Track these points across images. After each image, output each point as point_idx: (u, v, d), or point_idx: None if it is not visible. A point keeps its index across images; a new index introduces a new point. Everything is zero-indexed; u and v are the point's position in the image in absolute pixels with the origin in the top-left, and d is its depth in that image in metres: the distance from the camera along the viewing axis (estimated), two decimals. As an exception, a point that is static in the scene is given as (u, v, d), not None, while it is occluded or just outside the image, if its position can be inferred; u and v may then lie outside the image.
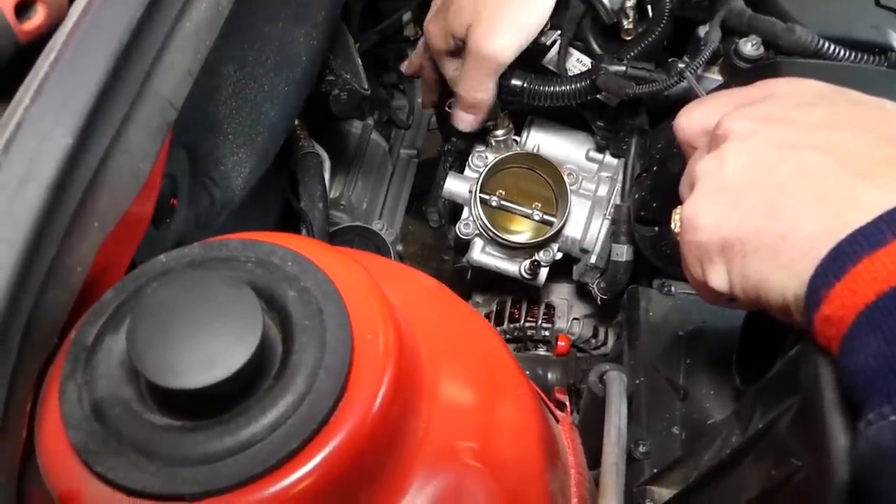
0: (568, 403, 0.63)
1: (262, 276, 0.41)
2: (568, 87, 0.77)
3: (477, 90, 0.76)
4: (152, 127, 0.46)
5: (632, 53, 0.75)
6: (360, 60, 0.93)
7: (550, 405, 0.59)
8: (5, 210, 0.37)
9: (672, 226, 0.49)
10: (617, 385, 0.59)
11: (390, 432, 0.40)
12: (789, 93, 0.46)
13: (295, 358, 0.38)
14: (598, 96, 0.79)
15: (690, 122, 0.50)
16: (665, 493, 0.53)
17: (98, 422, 0.37)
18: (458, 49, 0.77)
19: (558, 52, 0.80)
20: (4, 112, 0.40)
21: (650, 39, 0.76)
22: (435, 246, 1.22)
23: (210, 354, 0.36)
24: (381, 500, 0.40)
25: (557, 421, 0.58)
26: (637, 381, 0.62)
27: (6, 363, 0.38)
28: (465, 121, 0.81)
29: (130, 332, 0.37)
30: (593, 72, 0.75)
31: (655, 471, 0.54)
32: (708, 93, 0.69)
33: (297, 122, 0.94)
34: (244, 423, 0.37)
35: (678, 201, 0.50)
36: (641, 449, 0.56)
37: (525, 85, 0.78)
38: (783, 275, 0.39)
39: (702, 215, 0.44)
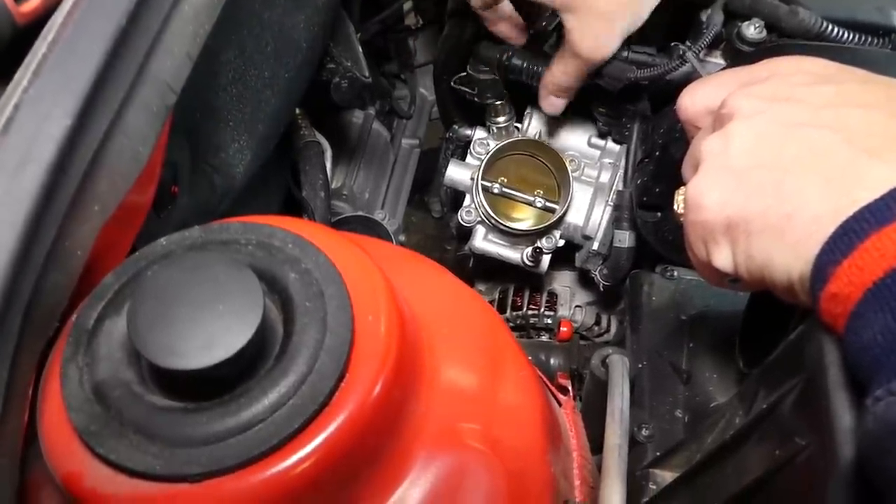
0: (571, 388, 0.63)
1: (263, 259, 0.41)
2: None
3: (576, 80, 0.74)
4: (152, 110, 0.46)
5: (631, 37, 0.75)
6: (360, 48, 0.92)
7: (553, 389, 0.58)
8: (5, 191, 0.37)
9: (675, 207, 0.48)
10: (620, 368, 0.59)
11: (391, 413, 0.40)
12: (795, 71, 0.45)
13: (296, 339, 0.38)
14: (599, 82, 0.78)
15: (694, 101, 0.50)
16: (668, 475, 0.53)
17: (99, 404, 0.37)
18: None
19: (557, 38, 0.80)
20: (3, 94, 0.40)
21: (650, 22, 0.76)
22: (437, 236, 1.22)
23: (211, 336, 0.36)
24: (382, 481, 0.40)
25: (560, 405, 0.57)
26: (640, 365, 0.62)
27: (7, 346, 0.38)
28: (557, 105, 0.79)
29: (131, 313, 0.37)
30: None
31: (658, 454, 0.54)
32: (711, 76, 0.68)
33: (298, 110, 0.93)
34: (245, 404, 0.37)
35: (681, 185, 0.49)
36: (644, 432, 0.56)
37: (524, 64, 0.78)
38: (789, 254, 0.39)
39: (706, 194, 0.43)
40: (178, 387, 0.37)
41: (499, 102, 0.86)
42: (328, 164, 0.98)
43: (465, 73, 0.85)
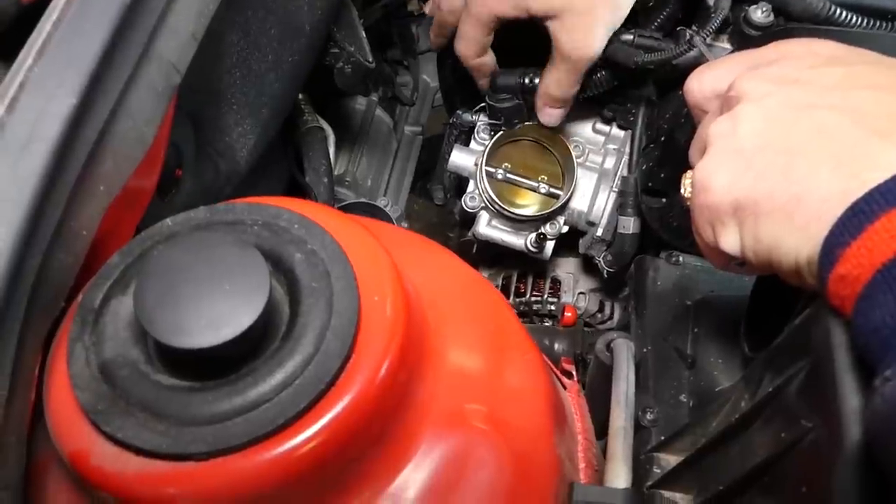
0: (575, 373, 0.63)
1: (269, 239, 0.41)
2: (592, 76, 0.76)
3: (570, 87, 0.75)
4: (157, 91, 0.46)
5: (652, 27, 0.74)
6: (364, 33, 0.92)
7: (558, 373, 0.58)
8: (11, 169, 0.37)
9: (682, 190, 0.48)
10: (624, 352, 0.58)
11: (397, 394, 0.40)
12: (805, 53, 0.45)
13: (302, 320, 0.38)
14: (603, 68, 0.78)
15: (702, 85, 0.50)
16: (672, 459, 0.53)
17: (106, 383, 0.37)
18: (516, 19, 0.73)
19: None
20: (8, 73, 0.40)
21: (665, 13, 0.75)
22: (439, 223, 1.21)
23: (217, 315, 0.36)
24: (388, 461, 0.40)
25: (565, 388, 0.58)
26: (644, 350, 0.61)
27: (13, 325, 0.38)
28: (554, 115, 0.79)
29: (138, 292, 0.37)
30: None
31: (663, 438, 0.54)
32: (717, 61, 0.68)
33: (301, 96, 0.93)
34: (252, 384, 0.37)
35: (688, 169, 0.49)
36: (649, 416, 0.56)
37: None
38: (797, 237, 0.39)
39: (714, 177, 0.43)
40: (184, 366, 0.37)
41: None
42: (331, 150, 0.97)
43: (483, 105, 0.84)
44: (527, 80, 0.79)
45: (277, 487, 0.36)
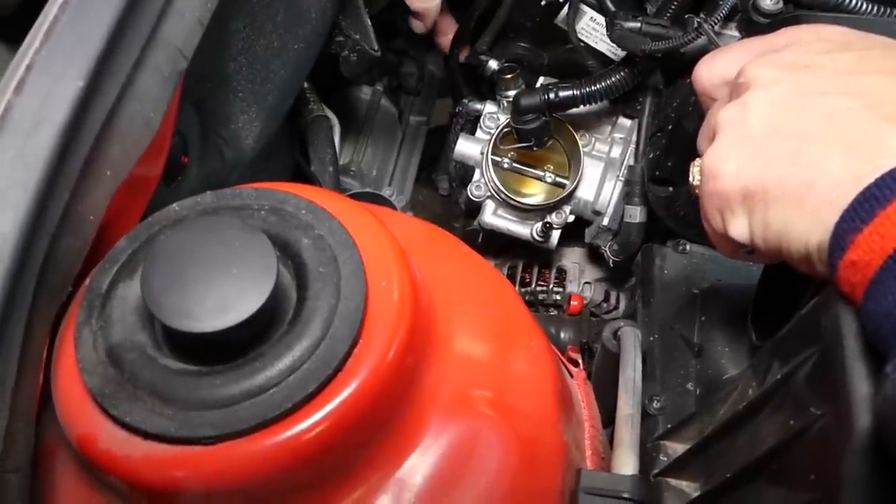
0: (581, 361, 0.63)
1: (276, 224, 0.41)
2: (612, 78, 0.75)
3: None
4: (163, 75, 0.46)
5: (665, 17, 0.74)
6: (369, 22, 0.91)
7: (564, 361, 0.58)
8: (19, 152, 0.37)
9: (690, 178, 0.48)
10: (631, 340, 0.58)
11: (405, 379, 0.39)
12: (815, 39, 0.45)
13: (309, 304, 0.38)
14: (609, 55, 0.78)
15: (711, 71, 0.49)
16: (679, 447, 0.52)
17: (114, 367, 0.37)
18: None
19: (569, 10, 0.79)
20: (15, 55, 0.40)
21: (677, 3, 0.74)
22: (445, 213, 1.21)
23: (225, 299, 0.36)
24: (395, 447, 0.40)
25: (572, 376, 0.57)
26: (651, 339, 0.61)
27: (21, 309, 0.37)
28: (416, 26, 0.87)
29: (145, 276, 0.37)
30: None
31: (670, 426, 0.54)
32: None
33: (306, 85, 0.93)
34: (259, 368, 0.37)
35: (696, 157, 0.49)
36: (656, 404, 0.56)
37: (575, 92, 0.77)
38: (807, 222, 0.39)
39: (724, 164, 0.43)
40: (191, 350, 0.37)
41: (509, 76, 0.85)
42: (337, 139, 0.97)
43: (509, 129, 0.83)
44: (551, 96, 0.78)
45: (285, 471, 0.36)
